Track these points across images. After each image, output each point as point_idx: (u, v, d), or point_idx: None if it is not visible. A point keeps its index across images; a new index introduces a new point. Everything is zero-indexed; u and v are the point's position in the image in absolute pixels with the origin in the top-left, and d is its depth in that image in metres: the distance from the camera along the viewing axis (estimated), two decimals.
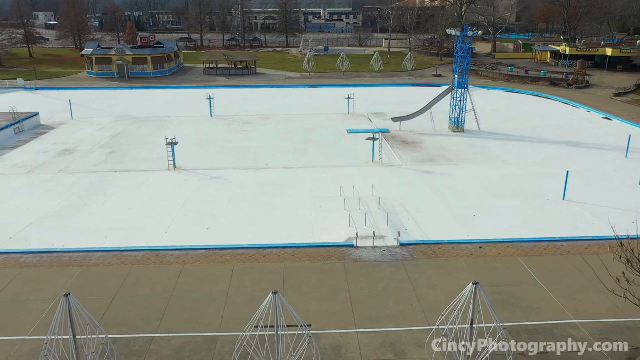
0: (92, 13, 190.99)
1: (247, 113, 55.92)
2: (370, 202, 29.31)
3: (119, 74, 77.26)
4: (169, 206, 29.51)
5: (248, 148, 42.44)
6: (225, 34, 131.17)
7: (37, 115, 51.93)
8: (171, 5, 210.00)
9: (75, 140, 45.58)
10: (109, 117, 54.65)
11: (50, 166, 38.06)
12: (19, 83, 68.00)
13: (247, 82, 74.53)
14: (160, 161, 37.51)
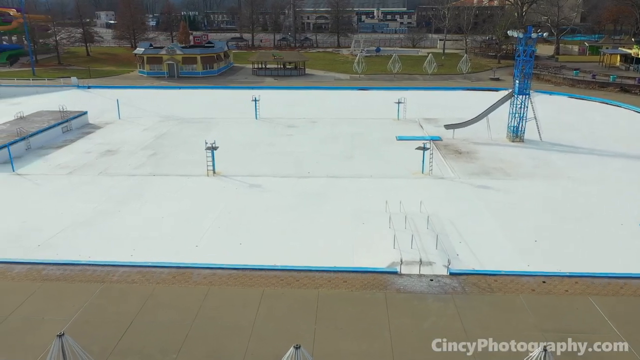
0: (150, 12, 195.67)
1: (293, 116, 54.19)
2: (418, 220, 26.73)
3: (168, 74, 77.56)
4: (203, 216, 28.02)
5: (291, 153, 40.62)
6: (277, 33, 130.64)
7: (86, 114, 52.19)
8: (226, 5, 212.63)
9: (119, 140, 45.23)
10: (155, 117, 54.30)
11: (91, 167, 37.59)
12: (73, 81, 69.24)
13: (295, 83, 73.00)
14: (200, 165, 36.22)
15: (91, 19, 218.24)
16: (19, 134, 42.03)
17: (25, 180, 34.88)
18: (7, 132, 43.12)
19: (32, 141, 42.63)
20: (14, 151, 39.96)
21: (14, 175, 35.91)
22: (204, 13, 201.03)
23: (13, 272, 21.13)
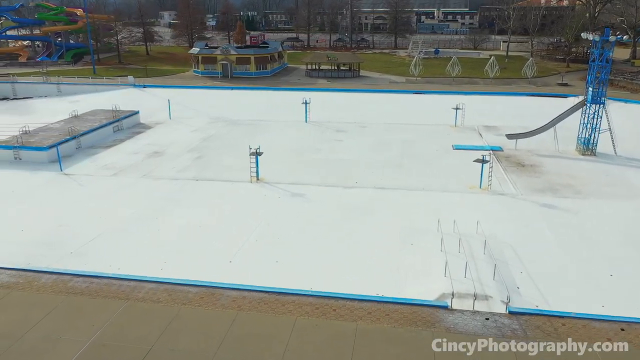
0: (211, 12, 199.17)
1: (344, 119, 52.11)
2: (474, 243, 24.04)
3: (222, 74, 77.43)
4: (240, 227, 26.50)
5: (338, 161, 38.59)
6: (333, 34, 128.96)
7: (137, 114, 52.32)
8: (286, 6, 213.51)
9: (166, 141, 44.77)
10: (205, 118, 53.75)
11: (136, 169, 37.09)
12: (129, 80, 70.26)
13: (347, 86, 70.89)
14: (244, 170, 34.70)
15: (155, 19, 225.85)
16: (70, 132, 42.31)
17: (71, 181, 34.72)
18: (60, 130, 43.56)
19: (82, 140, 42.83)
20: (64, 150, 40.22)
21: (60, 175, 35.90)
22: (262, 13, 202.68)
23: (40, 282, 20.30)
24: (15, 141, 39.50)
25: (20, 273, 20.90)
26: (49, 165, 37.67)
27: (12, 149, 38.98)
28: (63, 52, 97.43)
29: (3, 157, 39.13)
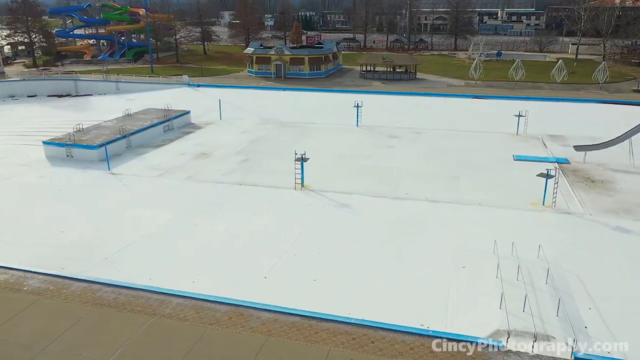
0: (270, 12, 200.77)
1: (397, 124, 49.88)
2: (535, 271, 21.51)
3: (275, 74, 76.85)
4: (280, 238, 25.12)
5: (389, 169, 36.55)
6: (391, 34, 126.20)
7: (188, 113, 52.26)
8: (344, 5, 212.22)
9: (215, 142, 44.24)
10: (255, 119, 53.02)
11: (181, 171, 36.59)
12: (184, 79, 70.93)
13: (403, 89, 68.40)
14: (289, 175, 33.36)
15: (216, 19, 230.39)
16: (121, 131, 42.54)
17: (116, 181, 34.61)
18: (111, 129, 43.92)
19: (132, 139, 42.97)
20: (115, 149, 40.46)
21: (107, 175, 35.91)
22: (320, 13, 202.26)
23: (69, 290, 19.68)
24: (68, 139, 40.04)
25: (52, 279, 20.40)
26: (98, 164, 37.87)
27: (64, 146, 39.54)
28: (125, 51, 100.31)
29: (57, 154, 39.79)
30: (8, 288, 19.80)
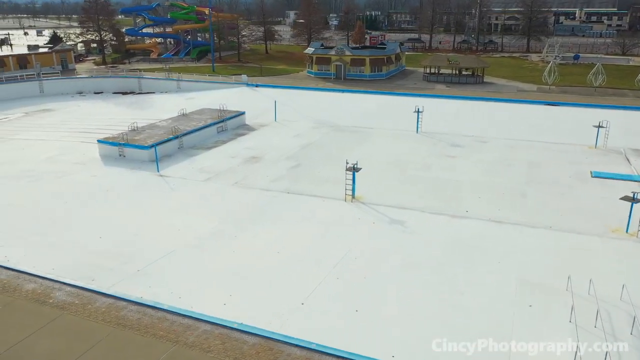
0: (335, 12, 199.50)
1: (460, 132, 46.57)
2: (617, 316, 18.25)
3: (335, 75, 74.93)
4: (323, 257, 23.09)
5: (449, 182, 33.64)
6: (458, 35, 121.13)
7: (243, 114, 51.34)
8: (411, 5, 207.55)
9: (267, 146, 42.89)
10: (310, 122, 51.32)
11: (230, 175, 35.39)
12: (243, 79, 70.48)
13: (468, 93, 64.45)
14: (340, 185, 31.24)
15: (281, 18, 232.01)
16: (173, 132, 42.06)
17: (163, 184, 33.86)
18: (165, 129, 43.58)
19: (185, 140, 42.40)
20: (166, 149, 39.99)
21: (155, 177, 35.28)
22: (386, 13, 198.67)
23: (94, 305, 18.59)
24: (121, 138, 39.93)
25: (79, 292, 19.42)
26: (148, 165, 37.40)
27: (117, 145, 39.45)
28: (190, 50, 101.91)
29: (110, 153, 39.80)
30: (35, 299, 19.00)
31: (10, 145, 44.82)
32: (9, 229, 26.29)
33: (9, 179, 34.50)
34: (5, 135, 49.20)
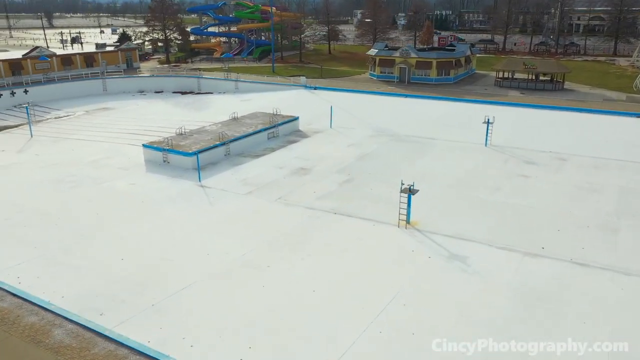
0: (403, 11, 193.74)
1: (536, 147, 41.23)
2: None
3: (399, 78, 70.59)
4: (365, 301, 19.52)
5: (522, 209, 28.98)
6: (535, 36, 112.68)
7: (296, 120, 48.42)
8: (485, 4, 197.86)
9: (318, 155, 39.68)
10: (367, 130, 47.61)
11: (274, 188, 32.50)
12: (301, 81, 67.73)
13: (546, 101, 58.16)
14: (394, 206, 27.40)
15: (349, 17, 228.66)
16: (220, 138, 39.78)
17: (203, 196, 31.47)
18: (213, 134, 41.39)
19: (232, 147, 40.03)
20: (211, 156, 37.89)
21: (196, 187, 33.01)
22: (457, 12, 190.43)
23: (92, 351, 16.05)
24: (166, 143, 38.08)
25: (80, 331, 16.97)
26: (191, 173, 35.24)
27: (161, 151, 37.64)
28: (253, 49, 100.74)
29: (154, 158, 38.13)
30: (31, 337, 16.76)
31: (62, 146, 44.39)
32: (31, 241, 24.66)
33: (48, 183, 33.39)
34: (61, 134, 49.13)
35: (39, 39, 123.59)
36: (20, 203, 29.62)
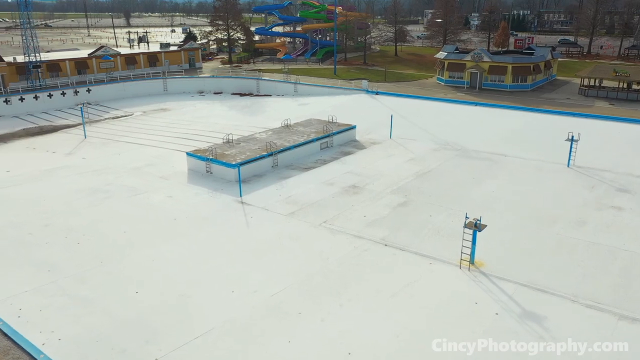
0: (477, 11, 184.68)
1: (629, 170, 35.28)
2: None
3: (469, 84, 65.00)
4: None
5: (615, 252, 23.80)
6: (626, 39, 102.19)
7: (353, 129, 44.74)
8: (566, 3, 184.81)
9: (372, 171, 35.85)
10: (431, 143, 43.13)
11: (320, 210, 29.07)
12: (363, 85, 63.79)
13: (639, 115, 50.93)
14: (456, 241, 23.34)
15: (420, 17, 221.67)
16: (268, 148, 36.85)
17: (240, 216, 28.54)
18: (261, 143, 38.59)
19: (280, 158, 37.07)
20: (257, 168, 35.22)
21: (235, 203, 30.21)
22: (536, 12, 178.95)
23: None
24: (210, 152, 35.62)
25: None
26: (233, 187, 32.54)
27: (204, 160, 35.22)
28: (317, 50, 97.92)
29: (197, 168, 35.89)
30: None
31: (110, 149, 43.24)
32: (47, 263, 22.64)
33: (83, 193, 31.72)
34: (114, 136, 48.27)
35: (112, 38, 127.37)
36: (49, 215, 27.95)
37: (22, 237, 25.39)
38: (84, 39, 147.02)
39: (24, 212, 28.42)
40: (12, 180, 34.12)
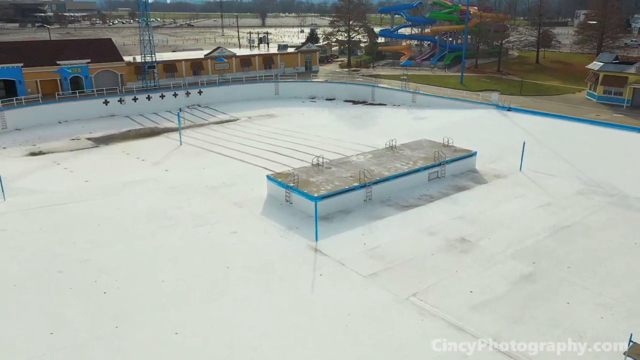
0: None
1: None
2: None
3: (631, 102, 52.37)
4: None
5: None
6: None
7: (473, 156, 36.49)
8: None
9: (491, 218, 27.84)
10: (574, 182, 33.52)
11: (411, 272, 22.21)
12: (493, 99, 54.36)
13: None
14: (603, 353, 15.22)
15: (570, 19, 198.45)
16: (360, 178, 30.44)
17: (309, 269, 22.57)
18: (355, 169, 32.30)
19: (375, 190, 30.52)
20: (345, 202, 29.31)
21: (307, 250, 24.38)
22: None
23: None
24: (292, 179, 30.17)
25: None
26: (311, 225, 26.51)
27: (285, 187, 29.87)
28: (445, 54, 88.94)
29: (277, 195, 30.82)
30: None
31: (197, 161, 40.03)
32: (65, 318, 18.67)
33: (145, 218, 27.96)
34: (209, 144, 45.29)
35: (242, 38, 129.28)
36: (93, 246, 24.38)
37: (48, 275, 21.76)
38: (216, 38, 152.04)
39: (71, 238, 25.22)
40: (82, 194, 31.72)
